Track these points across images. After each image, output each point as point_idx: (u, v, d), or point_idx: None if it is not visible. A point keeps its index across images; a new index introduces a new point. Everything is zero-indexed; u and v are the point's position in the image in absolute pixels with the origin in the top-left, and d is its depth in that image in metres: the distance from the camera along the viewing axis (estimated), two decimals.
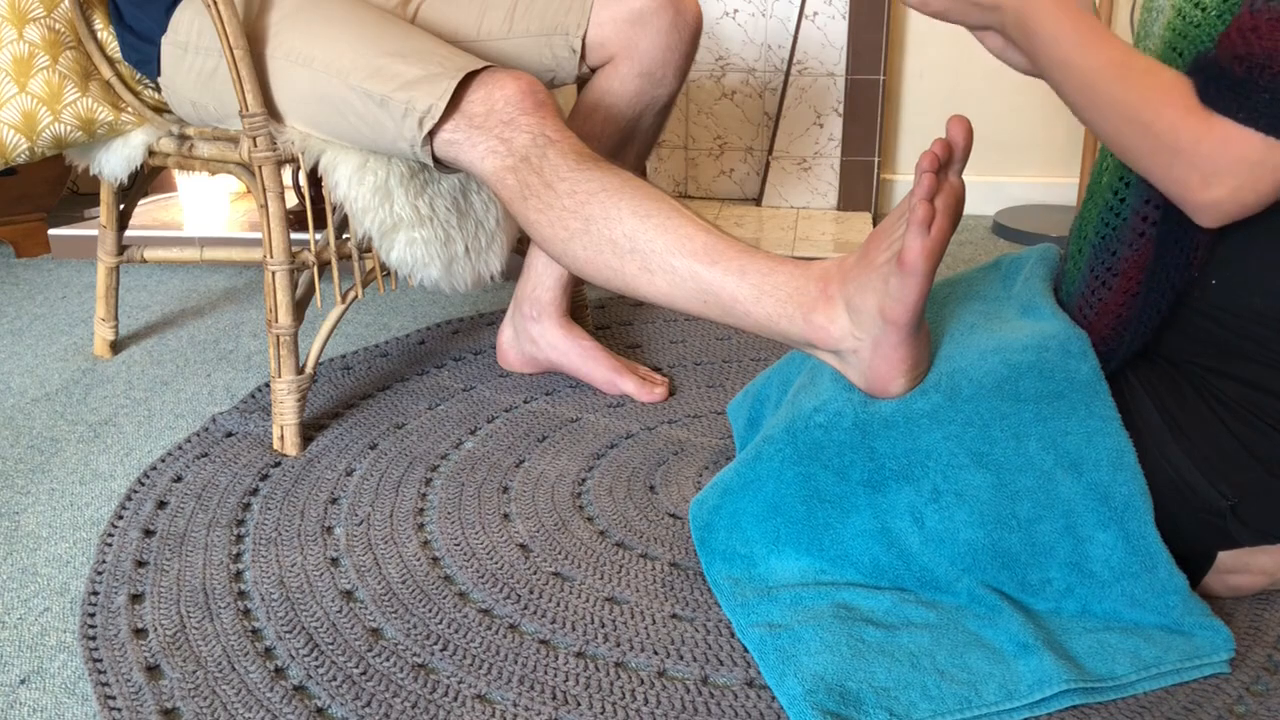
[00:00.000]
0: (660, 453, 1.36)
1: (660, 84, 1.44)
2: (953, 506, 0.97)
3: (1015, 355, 0.99)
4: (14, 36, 1.39)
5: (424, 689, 0.94)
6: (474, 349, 1.71)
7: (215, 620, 1.03)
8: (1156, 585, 0.95)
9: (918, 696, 0.87)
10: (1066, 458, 0.95)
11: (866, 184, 2.51)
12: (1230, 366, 0.93)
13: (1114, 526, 0.94)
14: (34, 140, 1.42)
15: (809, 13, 2.42)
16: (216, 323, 1.87)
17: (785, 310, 1.01)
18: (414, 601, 1.06)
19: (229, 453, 1.37)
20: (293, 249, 1.34)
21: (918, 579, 1.00)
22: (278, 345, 1.35)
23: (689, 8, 1.43)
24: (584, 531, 1.18)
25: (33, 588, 1.10)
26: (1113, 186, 1.01)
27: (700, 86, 2.56)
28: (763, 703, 0.92)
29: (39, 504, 1.26)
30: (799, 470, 1.02)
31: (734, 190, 2.64)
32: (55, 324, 1.86)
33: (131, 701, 0.92)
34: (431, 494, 1.27)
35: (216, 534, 1.18)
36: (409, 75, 1.21)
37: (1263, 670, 0.94)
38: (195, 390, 1.58)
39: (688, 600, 1.06)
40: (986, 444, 0.96)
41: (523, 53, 1.44)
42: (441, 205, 1.34)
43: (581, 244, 1.11)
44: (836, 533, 1.01)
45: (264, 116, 1.29)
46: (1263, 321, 0.92)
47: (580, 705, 0.92)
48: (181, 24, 1.36)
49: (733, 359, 1.66)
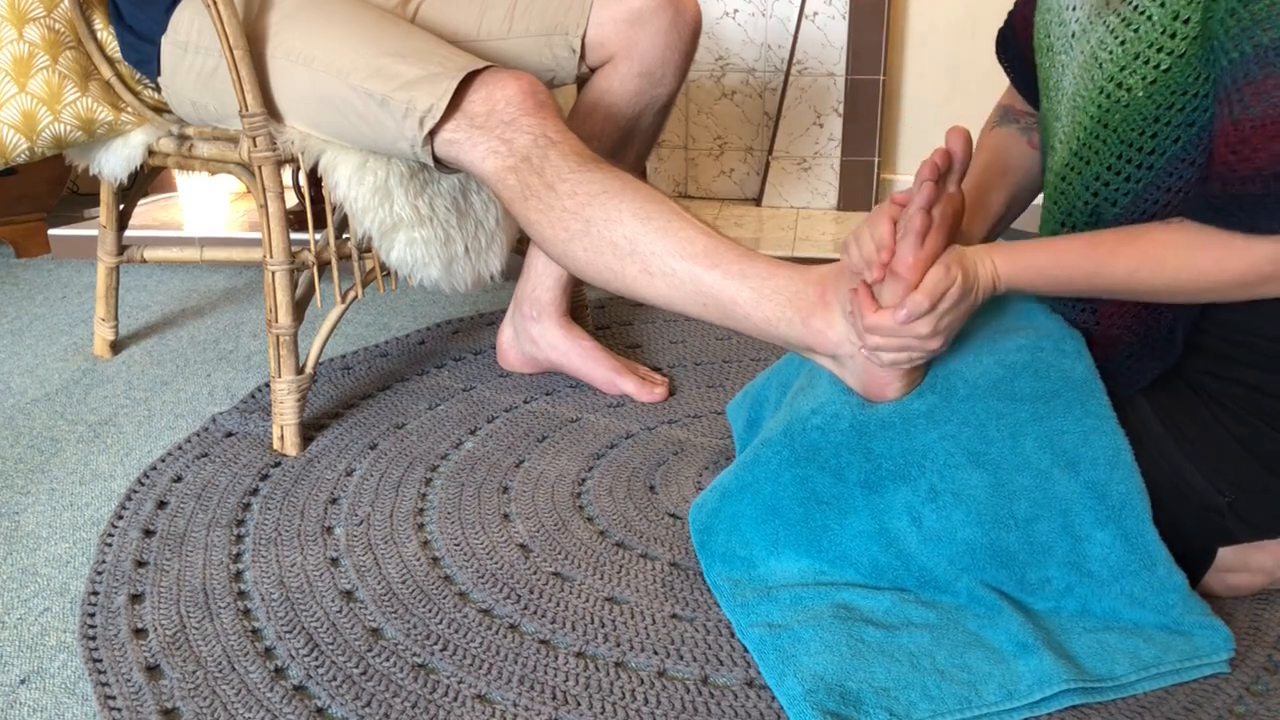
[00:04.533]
0: (660, 453, 1.36)
1: (660, 84, 1.44)
2: (950, 506, 0.97)
3: (1010, 355, 0.99)
4: (14, 36, 1.39)
5: (424, 689, 0.94)
6: (474, 349, 1.71)
7: (215, 620, 1.03)
8: (1155, 583, 0.95)
9: (918, 696, 0.87)
10: (1063, 456, 0.95)
11: (866, 184, 2.51)
12: (1227, 370, 0.93)
13: (1111, 525, 0.94)
14: (34, 140, 1.42)
15: (809, 13, 2.42)
16: (216, 323, 1.87)
17: (784, 314, 1.02)
18: (414, 601, 1.06)
19: (229, 453, 1.37)
20: (293, 249, 1.34)
21: (917, 579, 1.00)
22: (278, 345, 1.35)
23: (688, 7, 1.43)
24: (584, 531, 1.18)
25: (33, 588, 1.10)
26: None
27: (700, 86, 2.55)
28: (763, 703, 0.92)
29: (39, 504, 1.26)
30: (797, 473, 1.02)
31: (734, 190, 2.64)
32: (55, 324, 1.86)
33: (131, 701, 0.92)
34: (431, 494, 1.27)
35: (216, 534, 1.18)
36: (409, 75, 1.21)
37: (1263, 670, 0.94)
38: (195, 390, 1.58)
39: (688, 600, 1.06)
40: (983, 443, 0.97)
41: (522, 52, 1.44)
42: (441, 205, 1.34)
43: (582, 245, 1.11)
44: (835, 534, 1.01)
45: (264, 116, 1.29)
46: (1258, 329, 0.92)
47: (580, 705, 0.92)
48: (181, 24, 1.36)
49: (733, 359, 1.66)
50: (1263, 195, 0.82)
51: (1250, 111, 0.81)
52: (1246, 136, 0.82)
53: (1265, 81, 0.80)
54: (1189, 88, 0.88)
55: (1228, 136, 0.83)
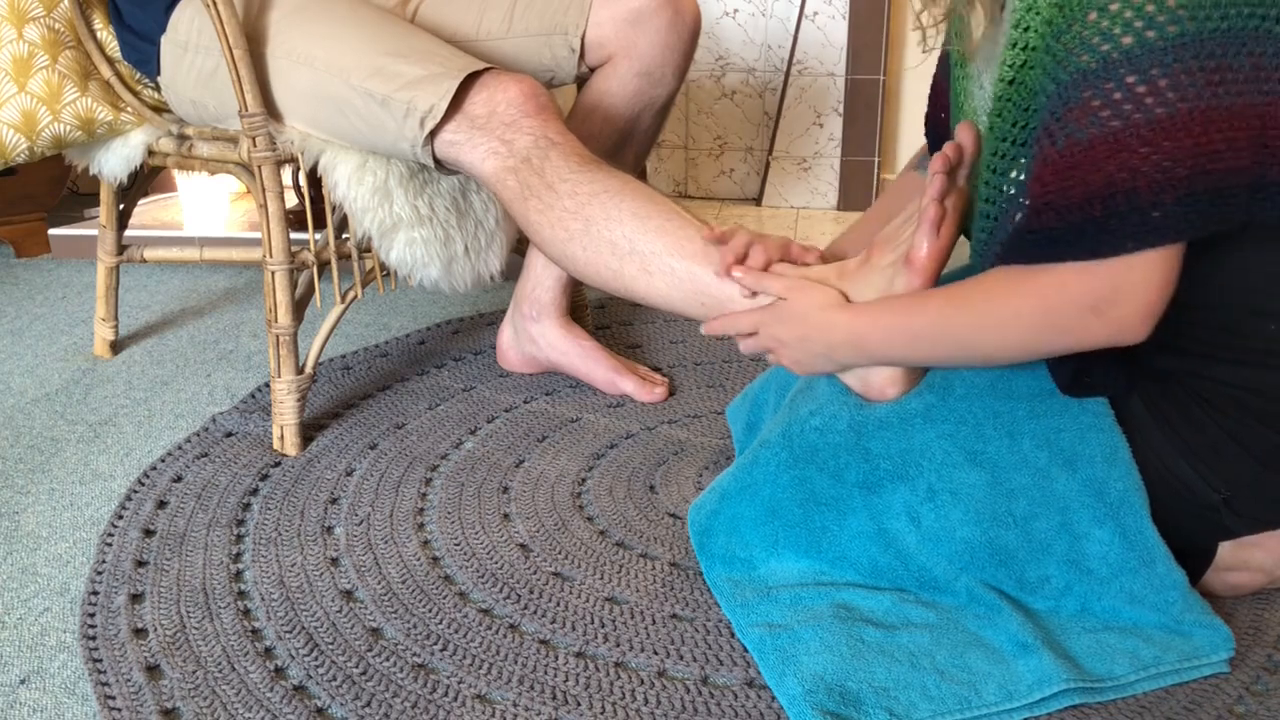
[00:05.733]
0: (660, 453, 1.36)
1: (659, 84, 1.44)
2: (948, 505, 0.97)
3: None
4: (14, 36, 1.39)
5: (424, 689, 0.94)
6: (474, 349, 1.71)
7: (215, 620, 1.03)
8: (1155, 581, 0.95)
9: (917, 696, 0.87)
10: (1061, 454, 0.95)
11: (866, 184, 2.51)
12: (1217, 370, 0.93)
13: (1110, 522, 0.94)
14: (34, 140, 1.42)
15: (809, 13, 2.42)
16: (216, 323, 1.87)
17: None
18: (414, 601, 1.06)
19: (229, 453, 1.37)
20: (292, 249, 1.34)
21: (916, 579, 1.00)
22: (278, 345, 1.35)
23: (688, 7, 1.43)
24: (584, 531, 1.18)
25: (33, 588, 1.10)
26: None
27: (700, 86, 2.55)
28: (763, 703, 0.92)
29: (39, 504, 1.26)
30: (795, 474, 1.02)
31: (734, 190, 2.64)
32: (55, 324, 1.86)
33: (131, 701, 0.92)
34: (431, 494, 1.27)
35: (216, 534, 1.18)
36: (410, 75, 1.21)
37: (1263, 670, 0.94)
38: (195, 390, 1.58)
39: (688, 600, 1.06)
40: (980, 442, 0.97)
41: (522, 52, 1.44)
42: (441, 205, 1.34)
43: (581, 245, 1.11)
44: (834, 535, 1.01)
45: (263, 116, 1.29)
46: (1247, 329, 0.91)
47: (580, 705, 0.92)
48: (181, 23, 1.36)
49: (733, 359, 1.66)
50: (1102, 218, 0.81)
51: (1077, 135, 0.80)
52: (1077, 162, 0.81)
53: (1089, 103, 0.80)
54: (1007, 135, 0.88)
55: (1055, 165, 0.82)
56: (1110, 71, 0.79)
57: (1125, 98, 0.79)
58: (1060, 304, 0.84)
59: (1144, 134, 0.79)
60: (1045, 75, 0.83)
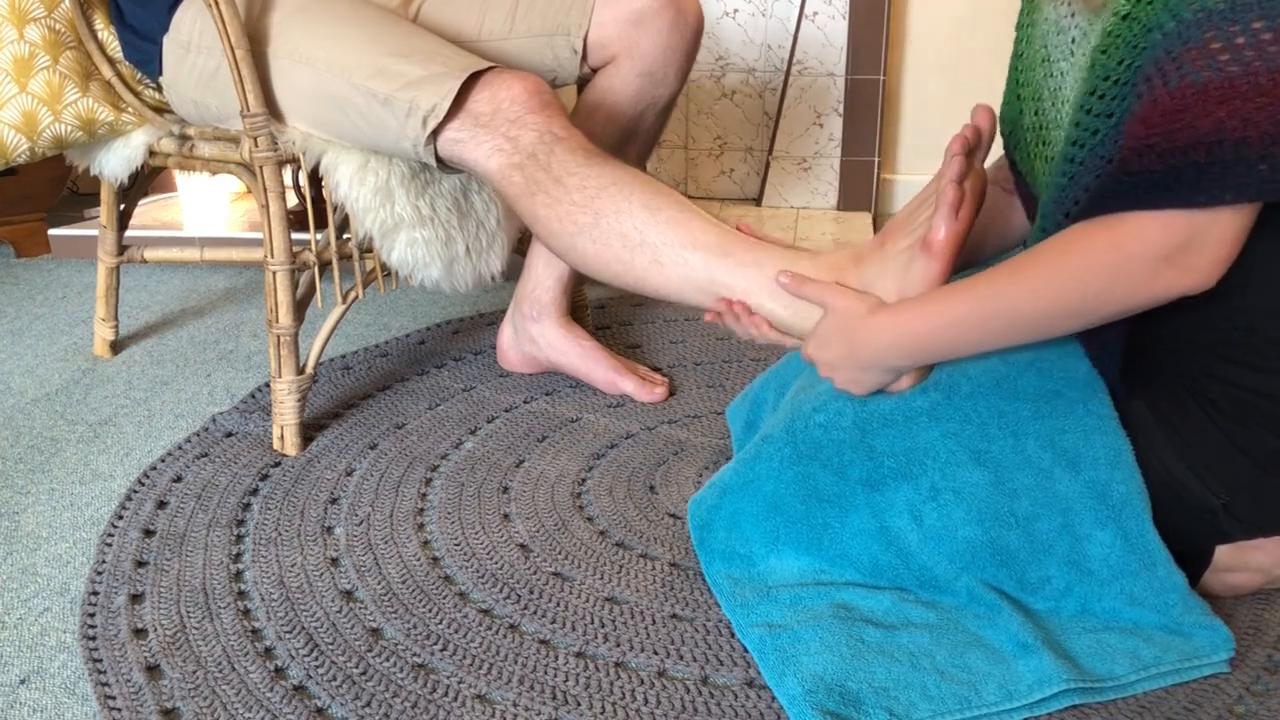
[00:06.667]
0: (660, 453, 1.36)
1: (661, 84, 1.44)
2: (951, 504, 0.97)
3: (1013, 353, 0.99)
4: (14, 36, 1.39)
5: (424, 689, 0.94)
6: (474, 349, 1.71)
7: (215, 620, 1.03)
8: (1155, 583, 0.95)
9: (917, 696, 0.87)
10: (1064, 455, 0.95)
11: (866, 184, 2.51)
12: (1221, 372, 0.93)
13: (1112, 524, 0.94)
14: (34, 140, 1.42)
15: (809, 13, 2.42)
16: (216, 323, 1.87)
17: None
18: (414, 601, 1.06)
19: (229, 453, 1.37)
20: (293, 249, 1.34)
21: (917, 578, 1.00)
22: (278, 345, 1.35)
23: (690, 8, 1.43)
24: (584, 531, 1.18)
25: (33, 588, 1.10)
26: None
27: (700, 86, 2.56)
28: (763, 703, 0.92)
29: (39, 504, 1.26)
30: (798, 470, 1.02)
31: (734, 190, 2.64)
32: (55, 324, 1.86)
33: (131, 701, 0.92)
34: (431, 494, 1.27)
35: (216, 534, 1.18)
36: (412, 75, 1.21)
37: (1263, 670, 0.94)
38: (195, 390, 1.58)
39: (688, 600, 1.06)
40: (984, 441, 0.97)
41: (524, 53, 1.44)
42: (442, 205, 1.34)
43: (591, 238, 1.10)
44: (835, 532, 1.01)
45: (265, 116, 1.29)
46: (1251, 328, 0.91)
47: (580, 705, 0.92)
48: (183, 23, 1.36)
49: (733, 359, 1.66)
50: (1205, 164, 0.78)
51: (1193, 77, 0.77)
52: (1188, 105, 0.78)
53: (1209, 45, 0.76)
54: (1111, 73, 0.85)
55: (1164, 106, 0.79)
56: (1238, 14, 0.76)
57: (1249, 43, 0.76)
58: (1135, 253, 0.81)
59: (1262, 83, 0.75)
60: (1166, 11, 0.79)
